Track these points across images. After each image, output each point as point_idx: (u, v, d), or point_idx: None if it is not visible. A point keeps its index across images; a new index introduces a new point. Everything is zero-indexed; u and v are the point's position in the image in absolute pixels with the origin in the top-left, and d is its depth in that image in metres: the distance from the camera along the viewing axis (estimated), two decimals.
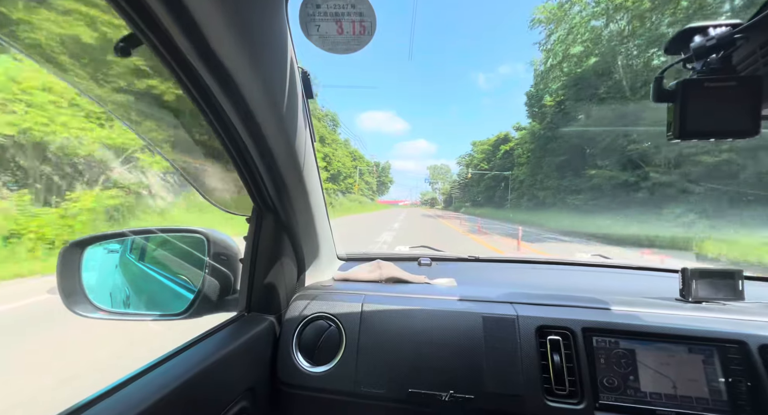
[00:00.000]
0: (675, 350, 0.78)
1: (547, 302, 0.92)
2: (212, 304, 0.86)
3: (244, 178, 0.78)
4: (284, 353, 0.90)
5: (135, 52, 0.49)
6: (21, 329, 3.20)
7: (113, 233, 0.98)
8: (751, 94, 0.52)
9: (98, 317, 0.85)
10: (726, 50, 0.53)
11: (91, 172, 9.13)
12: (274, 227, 0.90)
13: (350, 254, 1.43)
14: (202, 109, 0.61)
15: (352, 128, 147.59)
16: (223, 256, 0.90)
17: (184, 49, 0.50)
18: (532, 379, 0.79)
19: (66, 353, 2.76)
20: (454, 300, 0.96)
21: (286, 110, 0.68)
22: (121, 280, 1.15)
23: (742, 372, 0.74)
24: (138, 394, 0.54)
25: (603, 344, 0.81)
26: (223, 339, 0.76)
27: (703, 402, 0.73)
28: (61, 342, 2.90)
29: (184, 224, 1.05)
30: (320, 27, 0.59)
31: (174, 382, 0.59)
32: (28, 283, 5.02)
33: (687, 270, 0.99)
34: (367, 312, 0.92)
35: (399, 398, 0.83)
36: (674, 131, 0.55)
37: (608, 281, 1.32)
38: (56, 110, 7.76)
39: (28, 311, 3.83)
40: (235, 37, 0.50)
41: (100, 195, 8.67)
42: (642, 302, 0.93)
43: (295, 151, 0.78)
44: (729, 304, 0.96)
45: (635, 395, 0.76)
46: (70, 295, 0.84)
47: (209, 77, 0.55)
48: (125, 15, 0.44)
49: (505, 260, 1.54)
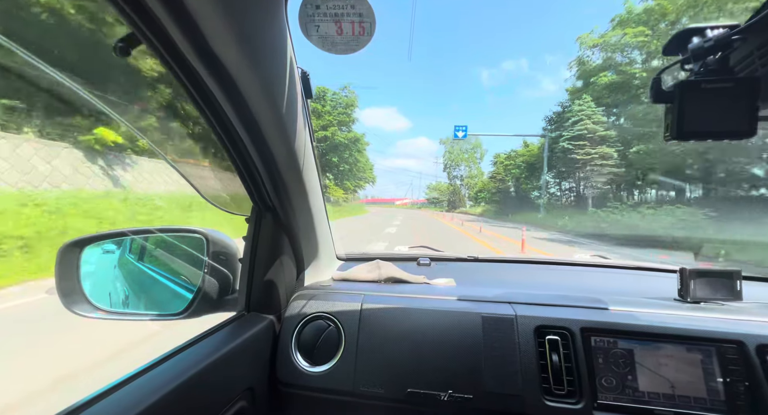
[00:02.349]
0: (673, 350, 0.79)
1: (546, 302, 0.93)
2: (211, 304, 0.86)
3: (243, 178, 0.78)
4: (283, 353, 0.90)
5: (134, 52, 0.49)
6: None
7: (112, 232, 0.98)
8: (748, 95, 0.53)
9: (97, 316, 0.84)
10: (723, 52, 0.53)
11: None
12: (274, 227, 0.90)
13: (349, 253, 1.44)
14: (202, 109, 0.61)
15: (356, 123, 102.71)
16: (222, 255, 0.90)
17: (184, 49, 0.50)
18: (531, 379, 0.79)
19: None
20: (453, 300, 0.96)
21: (286, 110, 0.68)
22: (120, 279, 1.15)
23: (740, 372, 0.75)
24: (137, 394, 0.54)
25: (601, 344, 0.81)
26: (222, 339, 0.76)
27: (701, 402, 0.74)
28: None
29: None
30: (320, 28, 0.59)
31: (173, 381, 0.59)
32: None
33: (685, 270, 0.99)
34: (366, 312, 0.92)
35: (398, 397, 0.83)
36: (672, 132, 0.56)
37: (607, 281, 1.32)
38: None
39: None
40: (234, 37, 0.50)
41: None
42: (640, 302, 0.94)
43: (294, 151, 0.78)
44: (727, 304, 0.96)
45: (633, 395, 0.76)
46: (69, 295, 0.83)
47: (208, 77, 0.55)
48: (124, 14, 0.44)
49: (504, 260, 1.54)
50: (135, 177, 9.44)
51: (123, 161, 9.24)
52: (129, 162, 9.41)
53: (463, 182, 69.80)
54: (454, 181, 71.81)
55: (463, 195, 69.49)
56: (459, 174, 71.13)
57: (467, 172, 70.17)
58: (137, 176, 9.52)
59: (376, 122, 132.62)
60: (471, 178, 68.24)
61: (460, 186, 70.25)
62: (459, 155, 69.71)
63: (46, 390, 2.10)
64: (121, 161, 9.20)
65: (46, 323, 3.08)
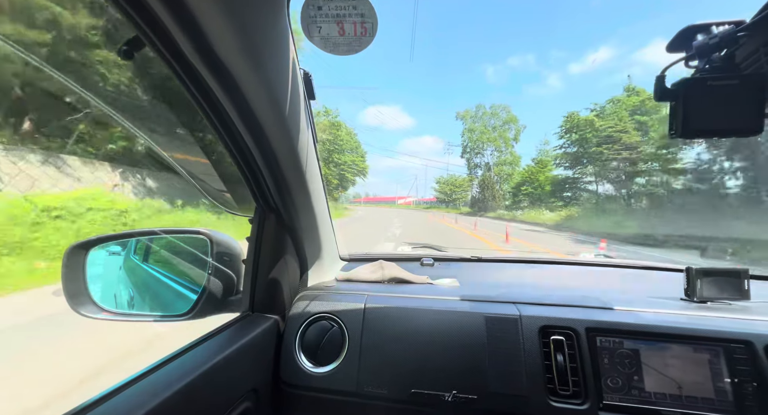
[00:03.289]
0: (680, 350, 0.78)
1: (551, 302, 0.92)
2: (216, 304, 0.87)
3: (246, 178, 0.79)
4: (287, 354, 0.90)
5: (138, 55, 0.50)
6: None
7: (117, 234, 0.99)
8: (754, 91, 0.52)
9: (103, 317, 0.85)
10: (729, 48, 0.53)
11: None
12: (277, 228, 0.91)
13: (353, 254, 1.44)
14: (205, 110, 0.61)
15: (356, 123, 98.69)
16: (226, 256, 0.90)
17: (187, 52, 0.51)
18: (536, 379, 0.79)
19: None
20: (457, 300, 0.96)
21: (288, 111, 0.68)
22: (125, 281, 1.16)
23: (748, 372, 0.74)
24: (142, 394, 0.55)
25: (607, 344, 0.80)
26: (227, 339, 0.76)
27: (709, 403, 0.73)
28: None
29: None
30: (322, 28, 0.59)
31: (178, 383, 0.59)
32: None
33: (692, 269, 0.98)
34: (369, 312, 0.92)
35: (402, 398, 0.83)
36: (677, 130, 0.55)
37: (612, 281, 1.31)
38: None
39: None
40: (237, 39, 0.51)
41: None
42: (646, 302, 0.93)
43: (297, 152, 0.78)
44: (734, 303, 0.95)
45: (639, 396, 0.76)
46: (75, 296, 0.84)
47: (212, 79, 0.56)
48: (128, 17, 0.45)
49: (508, 259, 1.53)
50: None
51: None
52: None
53: (492, 172, 45.71)
54: (474, 171, 48.89)
55: (498, 190, 43.83)
56: (481, 162, 47.56)
57: (496, 158, 46.30)
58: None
59: (378, 120, 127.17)
60: (504, 164, 45.80)
61: (492, 177, 44.93)
62: (484, 134, 46.93)
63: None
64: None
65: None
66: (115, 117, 0.69)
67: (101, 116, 7.71)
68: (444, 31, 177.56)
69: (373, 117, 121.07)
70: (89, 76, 0.74)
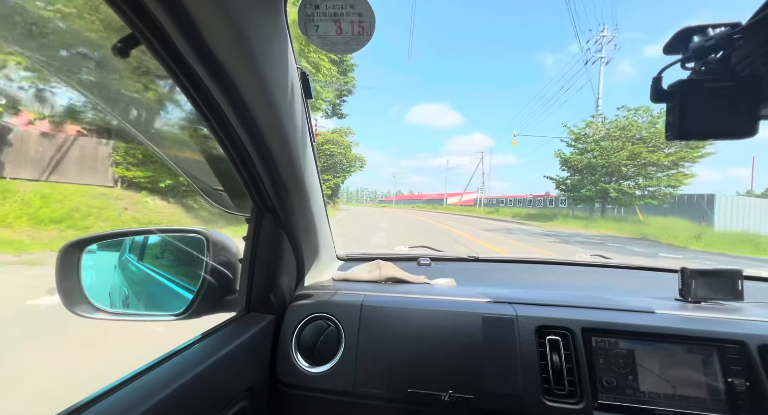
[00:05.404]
0: (674, 350, 0.78)
1: (547, 302, 0.92)
2: (212, 304, 0.86)
3: (243, 178, 0.78)
4: (283, 353, 0.90)
5: (133, 53, 0.49)
6: None
7: (112, 232, 0.99)
8: (749, 94, 0.52)
9: (98, 317, 0.84)
10: (725, 50, 0.53)
11: None
12: (274, 227, 0.90)
13: (350, 254, 1.43)
14: (201, 109, 0.61)
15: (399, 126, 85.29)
16: (222, 256, 0.90)
17: (182, 49, 0.50)
18: (532, 379, 0.79)
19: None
20: (454, 300, 0.96)
21: (285, 111, 0.68)
22: (120, 280, 1.15)
23: (741, 372, 0.74)
24: (137, 394, 0.54)
25: (602, 344, 0.81)
26: (223, 339, 0.76)
27: (703, 402, 0.74)
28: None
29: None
30: (319, 27, 0.59)
31: (173, 382, 0.58)
32: None
33: (686, 270, 0.99)
34: (366, 312, 0.92)
35: (398, 398, 0.83)
36: (672, 131, 0.56)
37: (607, 281, 1.32)
38: None
39: None
40: (233, 37, 0.50)
41: None
42: (641, 302, 0.93)
43: (294, 151, 0.78)
44: (728, 304, 0.96)
45: (634, 395, 0.76)
46: (69, 295, 0.83)
47: (207, 77, 0.55)
48: (122, 14, 0.44)
49: (505, 260, 1.54)
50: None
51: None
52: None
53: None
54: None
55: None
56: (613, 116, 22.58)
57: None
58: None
59: (424, 120, 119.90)
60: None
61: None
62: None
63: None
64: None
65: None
66: (111, 115, 0.69)
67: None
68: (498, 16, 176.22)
69: (419, 115, 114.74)
70: (82, 74, 0.72)
